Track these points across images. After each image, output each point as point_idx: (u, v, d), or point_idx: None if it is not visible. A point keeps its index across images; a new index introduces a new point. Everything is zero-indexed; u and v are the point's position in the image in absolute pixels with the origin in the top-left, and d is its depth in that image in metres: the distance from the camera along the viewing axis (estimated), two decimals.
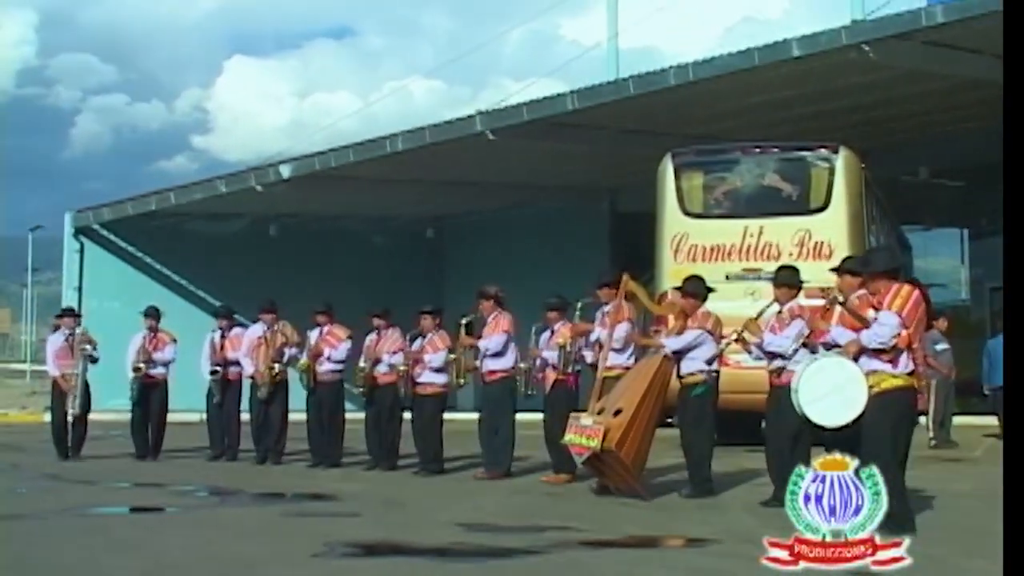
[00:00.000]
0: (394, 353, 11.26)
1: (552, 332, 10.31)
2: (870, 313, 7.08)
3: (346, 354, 11.81)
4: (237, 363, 12.57)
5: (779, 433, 8.34)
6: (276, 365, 12.09)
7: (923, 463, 10.38)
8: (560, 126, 18.26)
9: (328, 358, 11.80)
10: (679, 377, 9.01)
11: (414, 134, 19.59)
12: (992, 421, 15.86)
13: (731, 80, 15.69)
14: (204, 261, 24.17)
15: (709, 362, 8.91)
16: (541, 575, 6.10)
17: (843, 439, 6.64)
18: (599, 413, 8.86)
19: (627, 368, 9.53)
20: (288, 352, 12.19)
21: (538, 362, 10.41)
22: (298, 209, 24.76)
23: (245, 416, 12.68)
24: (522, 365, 10.56)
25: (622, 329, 9.62)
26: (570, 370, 10.14)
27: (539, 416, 10.42)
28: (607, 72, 18.88)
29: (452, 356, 10.79)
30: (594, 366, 9.71)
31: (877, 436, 6.77)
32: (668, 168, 14.51)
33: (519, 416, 10.84)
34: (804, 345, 7.85)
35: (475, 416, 10.96)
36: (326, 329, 11.91)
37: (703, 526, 7.45)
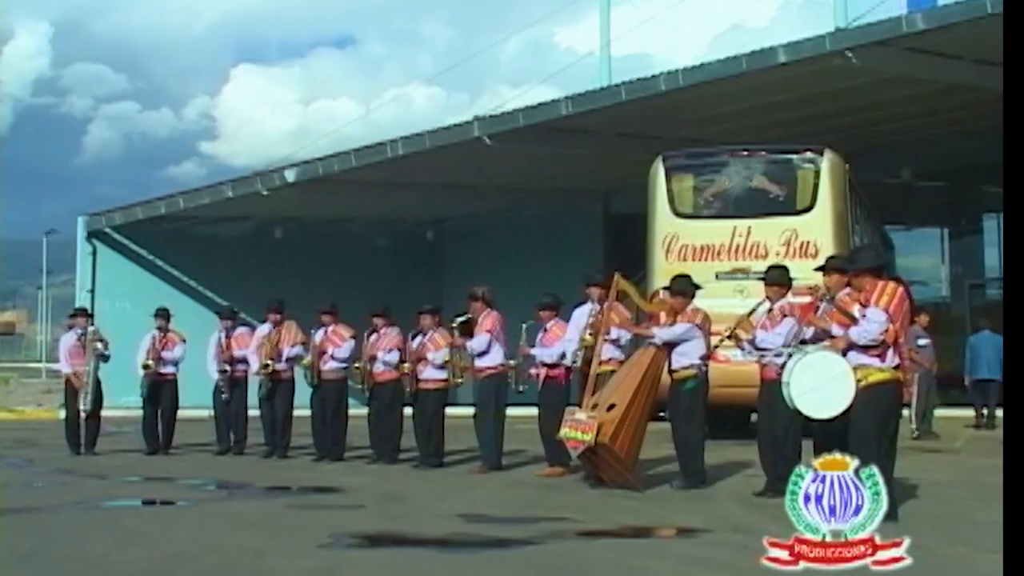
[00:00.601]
0: (389, 351, 11.47)
1: (545, 330, 10.45)
2: (855, 308, 7.25)
3: (349, 352, 11.96)
4: (243, 361, 12.86)
5: (771, 425, 8.54)
6: (270, 362, 12.38)
7: (906, 454, 10.43)
8: (555, 131, 18.50)
9: (332, 356, 12.00)
10: (670, 372, 9.14)
11: (414, 139, 19.83)
12: (970, 412, 16.41)
13: (720, 86, 15.92)
14: (212, 263, 24.36)
15: (699, 357, 9.02)
16: (538, 564, 6.17)
17: (831, 432, 6.91)
18: (593, 408, 8.98)
19: (621, 362, 9.68)
20: (287, 351, 12.44)
21: (535, 359, 10.50)
22: (302, 212, 24.92)
23: (255, 413, 12.92)
24: (512, 362, 10.71)
25: (625, 334, 9.84)
26: (576, 364, 10.18)
27: (534, 411, 10.49)
28: (600, 78, 19.02)
29: (448, 358, 11.01)
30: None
31: (863, 428, 6.93)
32: (659, 171, 14.70)
33: (515, 411, 11.00)
34: (803, 342, 7.93)
35: (473, 411, 11.06)
36: (331, 328, 12.12)
37: (695, 516, 7.58)
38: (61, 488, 10.07)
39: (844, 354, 7.15)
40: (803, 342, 7.76)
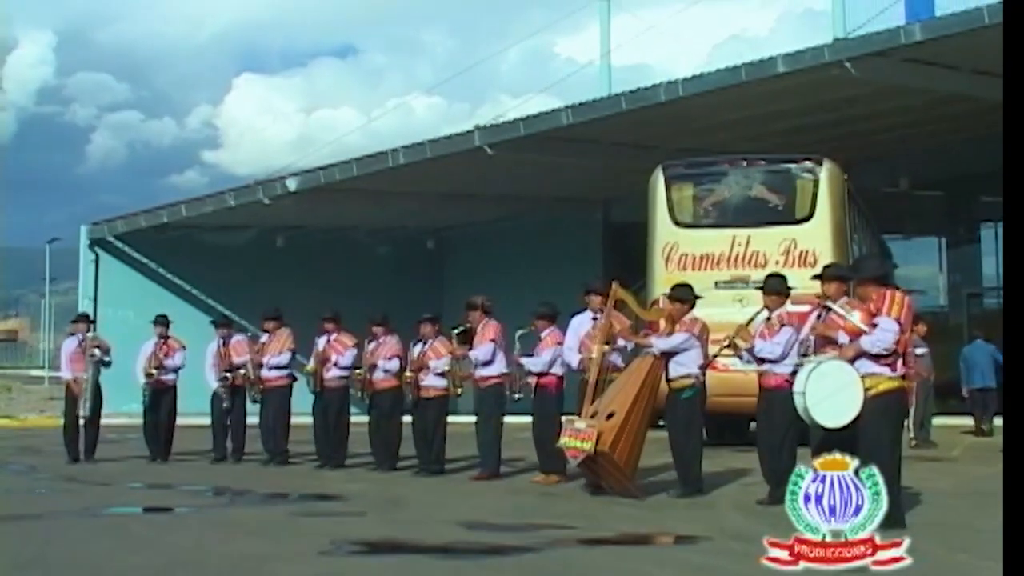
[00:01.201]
0: (390, 359, 11.53)
1: (540, 339, 10.47)
2: (856, 316, 7.27)
3: (352, 361, 11.97)
4: (240, 368, 12.88)
5: (770, 433, 8.59)
6: (246, 371, 12.63)
7: (905, 462, 10.44)
8: (555, 140, 18.61)
9: (336, 364, 12.04)
10: (667, 381, 9.13)
11: (415, 148, 19.97)
12: (969, 421, 16.52)
13: (719, 95, 16.04)
14: (214, 271, 24.50)
15: (697, 366, 9.00)
16: (538, 572, 6.17)
17: (831, 440, 6.78)
18: (592, 416, 8.99)
19: (619, 369, 9.64)
20: (268, 359, 12.52)
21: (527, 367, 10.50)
22: (304, 221, 25.13)
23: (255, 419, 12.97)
24: (506, 370, 10.73)
25: (628, 344, 9.82)
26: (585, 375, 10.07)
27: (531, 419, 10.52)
28: (600, 88, 19.27)
29: (448, 367, 11.01)
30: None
31: (876, 436, 6.92)
32: (659, 180, 14.77)
33: (514, 419, 11.01)
34: (806, 352, 7.89)
35: (473, 419, 11.10)
36: (333, 336, 12.15)
37: (693, 524, 7.58)
38: (63, 495, 10.10)
39: (852, 362, 7.15)
40: (805, 352, 7.76)
